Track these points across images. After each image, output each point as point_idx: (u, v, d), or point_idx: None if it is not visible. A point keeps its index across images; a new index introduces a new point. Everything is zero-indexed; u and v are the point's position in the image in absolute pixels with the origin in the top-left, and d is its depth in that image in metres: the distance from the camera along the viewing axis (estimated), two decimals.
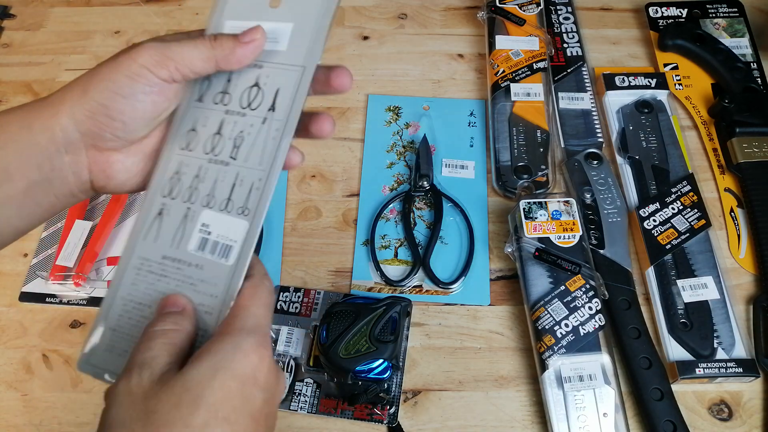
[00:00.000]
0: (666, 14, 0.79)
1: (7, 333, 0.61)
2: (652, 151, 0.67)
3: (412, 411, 0.56)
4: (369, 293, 0.62)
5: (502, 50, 0.74)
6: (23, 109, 0.37)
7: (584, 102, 0.72)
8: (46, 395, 0.57)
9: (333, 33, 0.81)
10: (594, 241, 0.62)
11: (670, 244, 0.61)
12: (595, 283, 0.58)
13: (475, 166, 0.69)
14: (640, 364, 0.56)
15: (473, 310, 0.61)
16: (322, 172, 0.70)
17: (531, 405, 0.57)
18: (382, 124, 0.73)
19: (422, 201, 0.67)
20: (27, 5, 0.84)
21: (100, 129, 0.37)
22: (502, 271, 0.64)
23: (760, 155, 0.66)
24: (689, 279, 0.60)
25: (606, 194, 0.64)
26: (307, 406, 0.56)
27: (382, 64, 0.78)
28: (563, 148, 0.70)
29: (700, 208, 0.63)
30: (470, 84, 0.76)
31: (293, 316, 0.61)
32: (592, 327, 0.56)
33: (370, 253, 0.64)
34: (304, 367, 0.58)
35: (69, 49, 0.80)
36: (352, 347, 0.53)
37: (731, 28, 0.77)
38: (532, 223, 0.60)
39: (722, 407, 0.56)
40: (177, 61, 0.36)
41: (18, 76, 0.78)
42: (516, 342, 0.60)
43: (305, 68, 0.38)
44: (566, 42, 0.78)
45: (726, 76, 0.72)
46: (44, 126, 0.36)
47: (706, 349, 0.57)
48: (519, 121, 0.70)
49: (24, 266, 0.64)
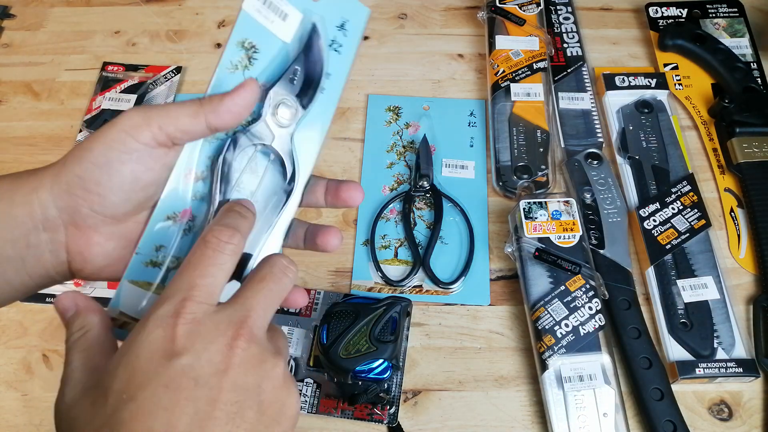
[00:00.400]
0: (666, 14, 0.79)
1: (7, 333, 0.61)
2: (652, 151, 0.67)
3: (412, 411, 0.56)
4: (369, 293, 0.62)
5: (502, 50, 0.74)
6: (9, 179, 0.35)
7: (584, 102, 0.72)
8: (46, 395, 0.57)
9: None
10: (594, 241, 0.62)
11: (670, 244, 0.61)
12: (595, 283, 0.58)
13: (475, 166, 0.69)
14: (640, 364, 0.56)
15: (473, 310, 0.61)
16: (322, 172, 0.70)
17: (531, 405, 0.57)
18: (382, 124, 0.73)
19: (422, 201, 0.67)
20: (27, 5, 0.84)
21: (77, 203, 0.34)
22: (502, 271, 0.64)
23: (760, 155, 0.66)
24: (689, 279, 0.60)
25: (606, 194, 0.64)
26: (307, 406, 0.56)
27: (382, 64, 0.78)
28: (563, 148, 0.70)
29: (700, 208, 0.63)
30: (470, 84, 0.76)
31: (293, 316, 0.61)
32: (592, 327, 0.56)
33: (370, 253, 0.64)
34: (304, 367, 0.58)
35: (69, 49, 0.80)
36: (352, 347, 0.53)
37: (731, 28, 0.77)
38: (532, 223, 0.60)
39: (722, 407, 0.56)
40: (162, 120, 0.34)
41: (18, 76, 0.78)
42: (516, 342, 0.60)
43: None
44: (566, 42, 0.78)
45: (726, 76, 0.72)
46: (24, 200, 0.34)
47: (706, 349, 0.57)
48: (519, 121, 0.70)
49: None
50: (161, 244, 0.37)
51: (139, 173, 0.34)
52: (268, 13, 0.39)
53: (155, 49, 0.80)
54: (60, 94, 0.76)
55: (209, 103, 0.35)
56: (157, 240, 0.37)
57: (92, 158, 0.33)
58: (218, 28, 0.82)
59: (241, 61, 0.39)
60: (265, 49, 0.39)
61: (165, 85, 0.76)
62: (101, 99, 0.75)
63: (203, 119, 0.34)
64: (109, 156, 0.33)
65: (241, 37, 0.39)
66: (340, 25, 0.41)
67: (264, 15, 0.39)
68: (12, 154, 0.72)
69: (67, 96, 0.76)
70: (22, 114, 0.75)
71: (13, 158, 0.72)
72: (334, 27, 0.41)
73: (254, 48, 0.39)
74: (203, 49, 0.80)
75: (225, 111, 0.35)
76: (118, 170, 0.34)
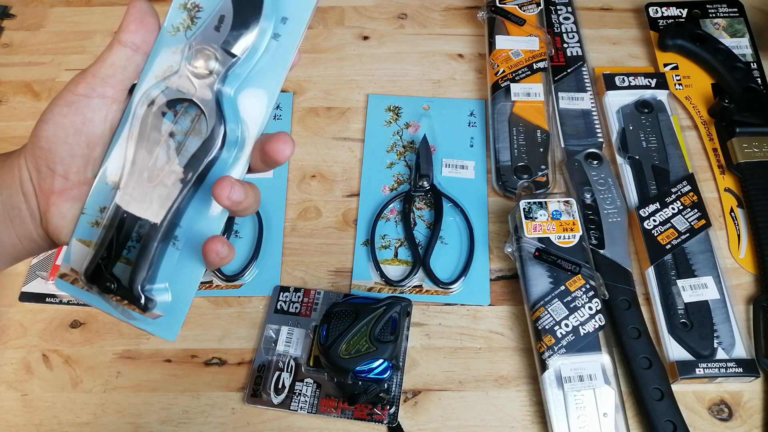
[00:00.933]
0: (666, 14, 0.79)
1: (7, 333, 0.61)
2: (652, 151, 0.67)
3: (412, 411, 0.56)
4: (369, 293, 0.62)
5: (502, 50, 0.74)
6: (8, 152, 0.39)
7: (584, 102, 0.72)
8: (46, 395, 0.57)
9: (333, 33, 0.81)
10: (594, 241, 0.62)
11: (670, 244, 0.61)
12: (595, 283, 0.58)
13: (475, 166, 0.69)
14: (640, 364, 0.56)
15: (473, 310, 0.61)
16: (322, 172, 0.70)
17: (531, 405, 0.57)
18: (382, 124, 0.73)
19: (422, 201, 0.67)
20: (27, 5, 0.84)
21: (37, 162, 0.37)
22: (502, 271, 0.64)
23: (760, 155, 0.66)
24: (689, 279, 0.60)
25: (606, 194, 0.64)
26: (307, 406, 0.56)
27: (382, 64, 0.78)
28: (563, 148, 0.70)
29: (700, 208, 0.63)
30: (470, 84, 0.76)
31: (293, 316, 0.61)
32: (592, 327, 0.56)
33: (370, 253, 0.64)
34: (304, 367, 0.58)
35: (69, 49, 0.80)
36: (352, 347, 0.53)
37: (731, 28, 0.77)
38: (532, 223, 0.60)
39: (722, 407, 0.56)
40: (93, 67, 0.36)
41: (18, 76, 0.78)
42: (516, 342, 0.60)
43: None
44: (566, 42, 0.78)
45: (726, 76, 0.72)
46: (12, 164, 0.37)
47: (706, 349, 0.57)
48: (519, 121, 0.70)
49: (24, 266, 0.64)
50: (104, 206, 0.38)
51: (78, 124, 0.36)
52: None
53: None
54: None
55: (119, 28, 0.37)
56: (101, 201, 0.38)
57: (43, 117, 0.36)
58: None
59: (183, 23, 0.38)
60: (207, 5, 0.37)
61: None
62: None
63: (116, 42, 0.36)
64: (53, 111, 0.36)
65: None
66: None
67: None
68: None
69: None
70: (22, 114, 0.75)
71: None
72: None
73: (197, 7, 0.37)
74: None
75: (125, 24, 0.36)
76: (60, 123, 0.36)
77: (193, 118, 0.37)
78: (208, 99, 0.36)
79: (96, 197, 0.38)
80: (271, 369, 0.58)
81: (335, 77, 0.76)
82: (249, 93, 0.38)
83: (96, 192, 0.38)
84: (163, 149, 0.37)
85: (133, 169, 0.37)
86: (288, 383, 0.57)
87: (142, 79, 0.38)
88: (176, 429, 0.56)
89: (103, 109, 0.37)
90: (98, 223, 0.38)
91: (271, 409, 0.56)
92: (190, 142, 0.37)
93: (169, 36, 0.38)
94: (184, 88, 0.37)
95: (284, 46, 0.37)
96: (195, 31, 0.37)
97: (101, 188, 0.38)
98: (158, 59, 0.38)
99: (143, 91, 0.38)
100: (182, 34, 0.37)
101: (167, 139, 0.37)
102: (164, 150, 0.37)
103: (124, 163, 0.38)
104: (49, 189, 0.37)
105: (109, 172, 0.38)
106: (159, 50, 0.38)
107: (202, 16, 0.37)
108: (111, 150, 0.38)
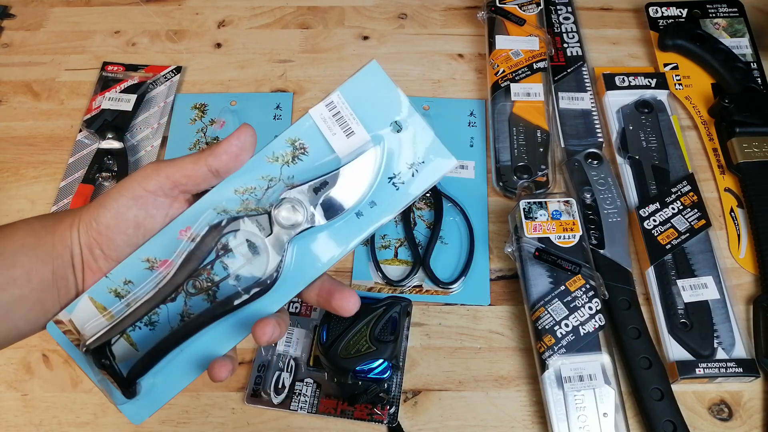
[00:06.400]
0: (666, 14, 0.79)
1: None
2: (652, 151, 0.67)
3: (412, 411, 0.56)
4: (369, 293, 0.62)
5: (502, 50, 0.74)
6: (52, 215, 0.39)
7: (584, 102, 0.72)
8: (46, 395, 0.57)
9: (333, 33, 0.81)
10: (594, 241, 0.62)
11: (670, 244, 0.61)
12: (595, 283, 0.58)
13: (475, 166, 0.69)
14: (640, 364, 0.56)
15: (473, 310, 0.61)
16: None
17: (531, 405, 0.57)
18: None
19: (422, 201, 0.67)
20: (27, 5, 0.84)
21: (91, 244, 0.37)
22: (502, 271, 0.64)
23: (760, 155, 0.66)
24: (689, 279, 0.60)
25: (606, 194, 0.64)
26: (307, 406, 0.56)
27: (382, 64, 0.77)
28: (563, 148, 0.70)
29: (700, 208, 0.63)
30: (470, 84, 0.76)
31: (293, 316, 0.61)
32: (592, 327, 0.56)
33: (370, 253, 0.64)
34: (304, 367, 0.58)
35: (69, 49, 0.80)
36: (352, 347, 0.53)
37: (731, 28, 0.77)
38: (532, 223, 0.60)
39: (722, 407, 0.56)
40: (169, 170, 0.36)
41: (18, 76, 0.78)
42: (516, 342, 0.60)
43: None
44: (566, 42, 0.78)
45: (726, 76, 0.72)
46: (64, 234, 0.38)
47: (706, 349, 0.57)
48: (519, 121, 0.70)
49: None
50: (131, 279, 0.38)
51: (140, 218, 0.37)
52: (332, 125, 0.38)
53: (155, 49, 0.80)
54: (60, 94, 0.76)
55: (209, 148, 0.37)
56: (128, 274, 0.38)
57: (105, 203, 0.37)
58: (218, 28, 0.82)
59: (284, 156, 0.38)
60: (314, 153, 0.38)
61: (165, 85, 0.76)
62: (101, 99, 0.74)
63: (203, 162, 0.37)
64: (118, 201, 0.37)
65: (295, 135, 0.38)
66: (411, 164, 0.38)
67: (328, 126, 0.38)
68: (12, 154, 0.72)
69: (67, 96, 0.76)
70: (22, 114, 0.75)
71: (13, 158, 0.72)
72: (405, 163, 0.38)
73: (304, 149, 0.38)
74: (203, 49, 0.80)
75: (222, 152, 0.37)
76: (123, 214, 0.37)
77: (254, 251, 0.38)
78: (279, 248, 0.37)
79: (124, 268, 0.38)
80: (271, 369, 0.58)
81: (335, 77, 0.76)
82: (316, 245, 0.39)
83: (127, 263, 0.38)
84: (218, 266, 0.38)
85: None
86: (288, 383, 0.57)
87: (220, 186, 0.38)
88: (176, 429, 0.56)
89: (166, 208, 0.38)
90: (118, 293, 0.38)
91: (271, 409, 0.56)
92: (244, 271, 0.38)
93: (265, 160, 0.38)
94: (260, 224, 0.38)
95: (360, 223, 0.38)
96: (292, 175, 0.38)
97: (133, 262, 0.38)
98: (244, 176, 0.38)
99: (218, 203, 0.38)
100: (278, 166, 0.38)
101: (221, 257, 0.38)
102: (219, 266, 0.38)
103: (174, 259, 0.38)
104: (97, 268, 0.38)
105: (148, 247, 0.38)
106: (250, 168, 0.38)
107: (305, 159, 0.38)
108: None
